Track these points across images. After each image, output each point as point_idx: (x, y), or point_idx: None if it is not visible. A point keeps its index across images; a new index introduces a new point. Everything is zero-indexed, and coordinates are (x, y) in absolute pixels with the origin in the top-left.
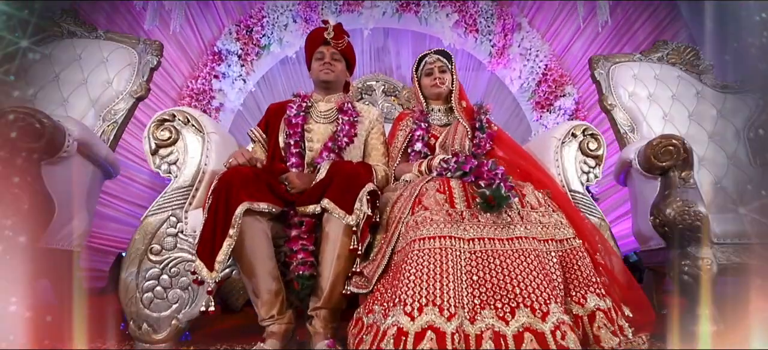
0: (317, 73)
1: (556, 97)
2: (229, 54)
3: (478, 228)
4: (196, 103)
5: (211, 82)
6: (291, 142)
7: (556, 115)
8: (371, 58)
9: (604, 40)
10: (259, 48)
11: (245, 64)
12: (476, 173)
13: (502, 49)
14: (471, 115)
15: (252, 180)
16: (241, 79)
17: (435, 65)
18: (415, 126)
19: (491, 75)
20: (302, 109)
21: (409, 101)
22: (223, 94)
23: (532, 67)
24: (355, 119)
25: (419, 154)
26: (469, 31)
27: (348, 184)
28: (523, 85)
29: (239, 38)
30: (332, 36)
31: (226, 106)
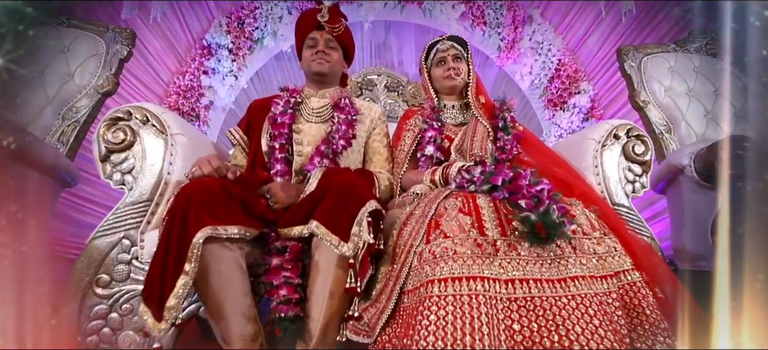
0: (309, 63)
1: (570, 94)
2: (219, 48)
3: (519, 264)
4: (183, 100)
5: (199, 78)
6: (275, 146)
7: (570, 114)
8: (372, 54)
9: (622, 33)
10: (252, 42)
11: (237, 59)
12: (512, 188)
13: (511, 43)
14: (492, 113)
15: (219, 197)
16: (232, 75)
17: (448, 53)
18: (426, 125)
19: (499, 71)
20: (290, 106)
21: (415, 97)
22: (213, 91)
23: (544, 62)
24: (353, 118)
25: (431, 160)
26: (477, 23)
27: (343, 200)
28: (534, 82)
29: (230, 31)
30: (327, 19)
31: (216, 103)
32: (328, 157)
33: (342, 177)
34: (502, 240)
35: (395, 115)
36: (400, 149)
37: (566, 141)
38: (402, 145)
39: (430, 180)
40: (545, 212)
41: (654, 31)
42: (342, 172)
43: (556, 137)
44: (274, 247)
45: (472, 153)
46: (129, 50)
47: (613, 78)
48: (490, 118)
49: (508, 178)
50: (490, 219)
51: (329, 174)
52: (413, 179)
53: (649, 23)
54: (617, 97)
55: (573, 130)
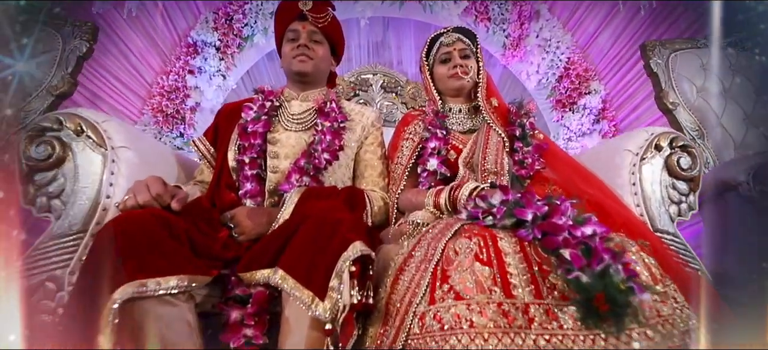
0: (289, 60)
1: (580, 95)
2: (205, 46)
3: (563, 341)
4: (167, 102)
5: (185, 78)
6: (245, 160)
7: (579, 115)
8: (369, 53)
9: (636, 30)
10: (241, 39)
11: (225, 58)
12: (547, 226)
13: (517, 40)
14: (506, 118)
15: (155, 236)
16: (219, 75)
17: (454, 48)
18: (428, 134)
19: (504, 69)
20: (264, 111)
21: (415, 99)
22: (200, 91)
23: (552, 60)
24: (340, 125)
25: (434, 176)
26: (480, 19)
27: (320, 241)
28: (541, 81)
29: (217, 28)
30: (310, 7)
31: (203, 105)
32: (309, 173)
33: (322, 205)
34: (537, 307)
35: (393, 118)
36: (398, 162)
37: (593, 151)
38: (399, 158)
39: (433, 203)
40: (605, 273)
41: (671, 26)
42: (324, 194)
43: (565, 140)
44: (233, 296)
45: (484, 168)
46: (89, 46)
47: (625, 77)
48: (505, 124)
49: (541, 214)
50: (519, 271)
51: (308, 197)
52: (413, 201)
53: (665, 19)
54: (630, 98)
55: (583, 132)
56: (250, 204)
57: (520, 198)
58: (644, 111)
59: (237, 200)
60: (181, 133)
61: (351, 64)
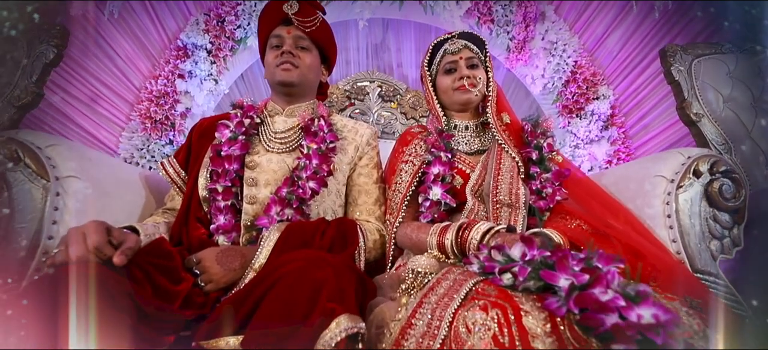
0: (272, 69)
1: (588, 100)
2: (195, 49)
3: None
4: (156, 107)
5: (174, 83)
6: (218, 189)
7: (587, 121)
8: (368, 55)
9: (647, 32)
10: (234, 42)
11: (216, 61)
12: (589, 303)
13: (522, 43)
14: (519, 137)
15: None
16: (211, 79)
17: (460, 56)
18: (431, 156)
19: (508, 73)
20: (242, 130)
21: (415, 108)
22: (190, 97)
23: (559, 64)
24: (329, 145)
25: (438, 207)
26: (483, 21)
27: (295, 309)
28: (547, 86)
29: (209, 30)
30: (296, 10)
31: (193, 111)
32: (292, 205)
33: (302, 254)
34: None
35: (391, 130)
36: (396, 189)
37: (619, 174)
38: (398, 183)
39: (437, 243)
40: None
41: (686, 27)
42: (309, 231)
43: (572, 147)
44: None
45: (497, 199)
46: (56, 52)
47: (635, 82)
48: (519, 144)
49: (579, 283)
50: None
51: (290, 236)
52: (413, 238)
53: (679, 20)
54: (640, 104)
55: (591, 139)
56: (223, 241)
57: (550, 257)
58: (655, 117)
59: (208, 237)
60: (170, 140)
61: (349, 67)
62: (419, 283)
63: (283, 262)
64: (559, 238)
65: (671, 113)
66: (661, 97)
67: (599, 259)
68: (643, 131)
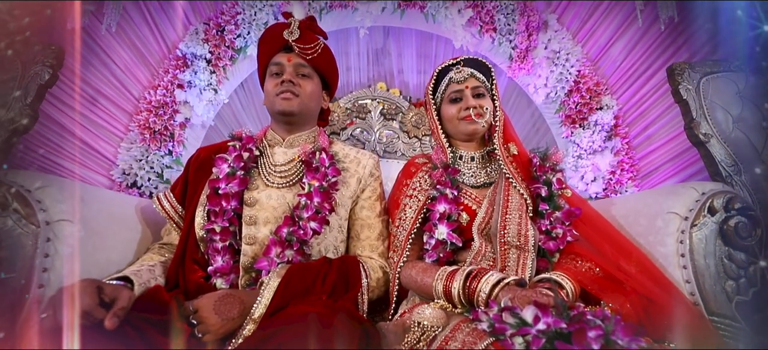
0: (272, 98)
1: (591, 110)
2: (195, 59)
3: None
4: (155, 118)
5: (174, 93)
6: (215, 229)
7: (590, 132)
8: (369, 62)
9: (652, 42)
10: (234, 51)
11: (216, 71)
12: None
13: (524, 52)
14: (528, 171)
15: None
16: (210, 89)
17: (466, 86)
18: (437, 192)
19: (510, 82)
20: (241, 164)
21: (418, 127)
22: (189, 107)
23: (562, 74)
24: (331, 181)
25: (444, 247)
26: (486, 30)
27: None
28: (549, 95)
29: (208, 39)
30: (297, 36)
31: (193, 121)
32: (293, 246)
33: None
34: None
35: (393, 149)
36: (400, 225)
37: (628, 206)
38: (402, 219)
39: (443, 290)
40: None
41: (691, 39)
42: (310, 275)
43: (575, 157)
44: None
45: (504, 240)
46: (52, 73)
47: (639, 92)
48: (527, 178)
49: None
50: None
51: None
52: (418, 281)
53: (684, 31)
54: (644, 114)
55: (594, 149)
56: (221, 284)
57: (567, 327)
58: (659, 128)
59: (205, 280)
60: (169, 151)
61: (349, 74)
62: (426, 338)
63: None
64: (569, 284)
65: (676, 124)
66: (666, 107)
67: (617, 329)
68: (647, 142)
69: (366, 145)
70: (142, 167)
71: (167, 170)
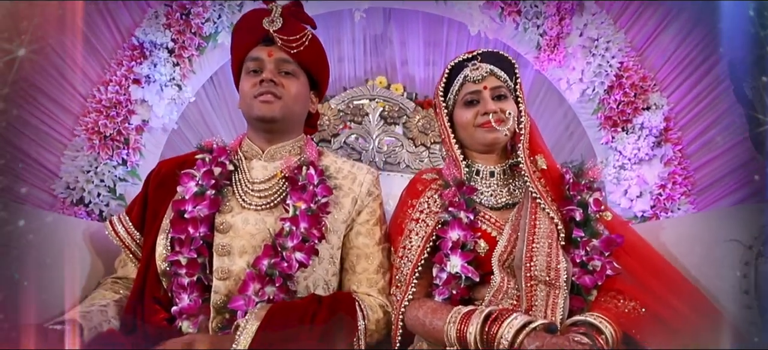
0: (249, 100)
1: (636, 110)
2: (154, 48)
3: None
4: (106, 120)
5: (128, 90)
6: (181, 261)
7: (635, 137)
8: (366, 52)
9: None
10: (201, 39)
11: (180, 63)
12: None
13: (555, 40)
14: (559, 188)
15: None
16: (173, 84)
17: (485, 86)
18: (449, 216)
19: (537, 76)
20: (212, 181)
21: (426, 133)
22: (147, 106)
23: (600, 66)
24: (321, 202)
25: (457, 281)
26: (508, 13)
27: None
28: (585, 92)
29: (171, 25)
30: (279, 27)
31: (152, 124)
32: (274, 281)
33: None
34: None
35: (396, 160)
36: (404, 256)
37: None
38: (406, 249)
39: (457, 335)
40: None
41: None
42: (295, 317)
43: (617, 167)
44: None
45: (531, 274)
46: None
47: (694, 88)
48: (558, 198)
49: None
50: None
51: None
52: (426, 324)
53: None
54: (700, 115)
55: (640, 158)
56: (188, 327)
57: None
58: (719, 132)
59: (169, 322)
60: (123, 160)
61: (342, 65)
62: None
63: None
64: (609, 328)
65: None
66: (727, 107)
67: None
68: (705, 149)
69: (362, 155)
70: (91, 180)
71: (121, 184)
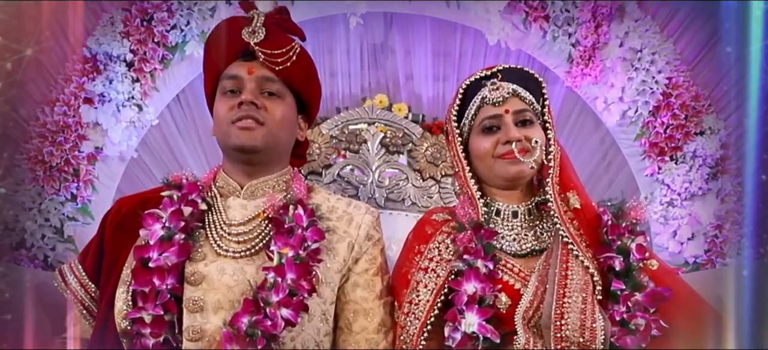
0: (225, 127)
1: (688, 136)
2: (110, 61)
3: None
4: (52, 147)
5: (78, 111)
6: (145, 319)
7: (687, 167)
8: (363, 65)
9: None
10: (166, 50)
11: (141, 78)
12: None
13: (591, 51)
14: (595, 231)
15: None
16: (132, 104)
17: (506, 109)
18: (464, 265)
19: (568, 94)
20: (181, 224)
21: (436, 164)
22: (101, 130)
23: (645, 82)
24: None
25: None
26: (534, 18)
27: None
28: (626, 113)
29: (130, 33)
30: (261, 38)
31: (107, 151)
32: (257, 342)
33: None
34: None
35: (399, 197)
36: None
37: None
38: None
39: None
40: None
41: None
42: None
43: (664, 204)
44: None
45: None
46: None
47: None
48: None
49: None
50: None
51: None
52: None
53: None
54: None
55: (692, 193)
56: None
57: None
58: None
59: None
60: (73, 194)
61: (334, 79)
62: None
63: None
64: None
65: None
66: None
67: None
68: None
69: (360, 191)
70: (33, 218)
71: (70, 224)
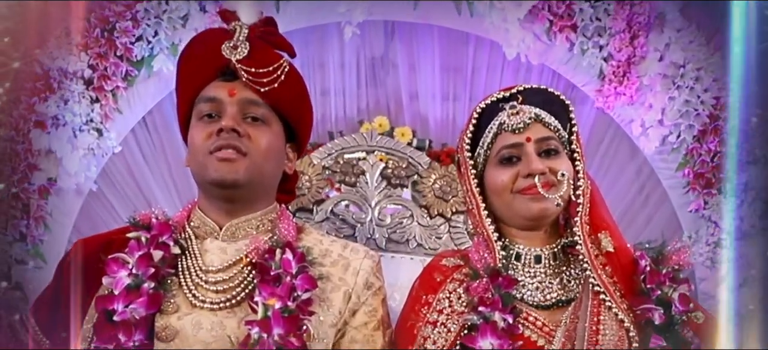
0: (201, 157)
1: (738, 165)
2: (65, 78)
3: None
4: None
5: (28, 135)
6: None
7: (738, 202)
8: (360, 83)
9: None
10: (131, 65)
11: (101, 98)
12: None
13: (625, 66)
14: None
15: None
16: (92, 129)
17: (528, 137)
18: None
19: (599, 116)
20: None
21: (445, 198)
22: (55, 159)
23: (688, 103)
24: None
25: None
26: (560, 28)
27: None
28: (666, 139)
29: (88, 45)
30: (244, 55)
31: (61, 184)
32: None
33: None
34: None
35: (403, 238)
36: None
37: None
38: None
39: None
40: None
41: None
42: None
43: (711, 245)
44: None
45: None
46: None
47: None
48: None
49: None
50: None
51: None
52: None
53: None
54: None
55: (744, 232)
56: None
57: None
58: None
59: None
60: (21, 234)
61: (326, 99)
62: None
63: None
64: None
65: None
66: None
67: None
68: None
69: (358, 230)
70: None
71: (18, 268)
